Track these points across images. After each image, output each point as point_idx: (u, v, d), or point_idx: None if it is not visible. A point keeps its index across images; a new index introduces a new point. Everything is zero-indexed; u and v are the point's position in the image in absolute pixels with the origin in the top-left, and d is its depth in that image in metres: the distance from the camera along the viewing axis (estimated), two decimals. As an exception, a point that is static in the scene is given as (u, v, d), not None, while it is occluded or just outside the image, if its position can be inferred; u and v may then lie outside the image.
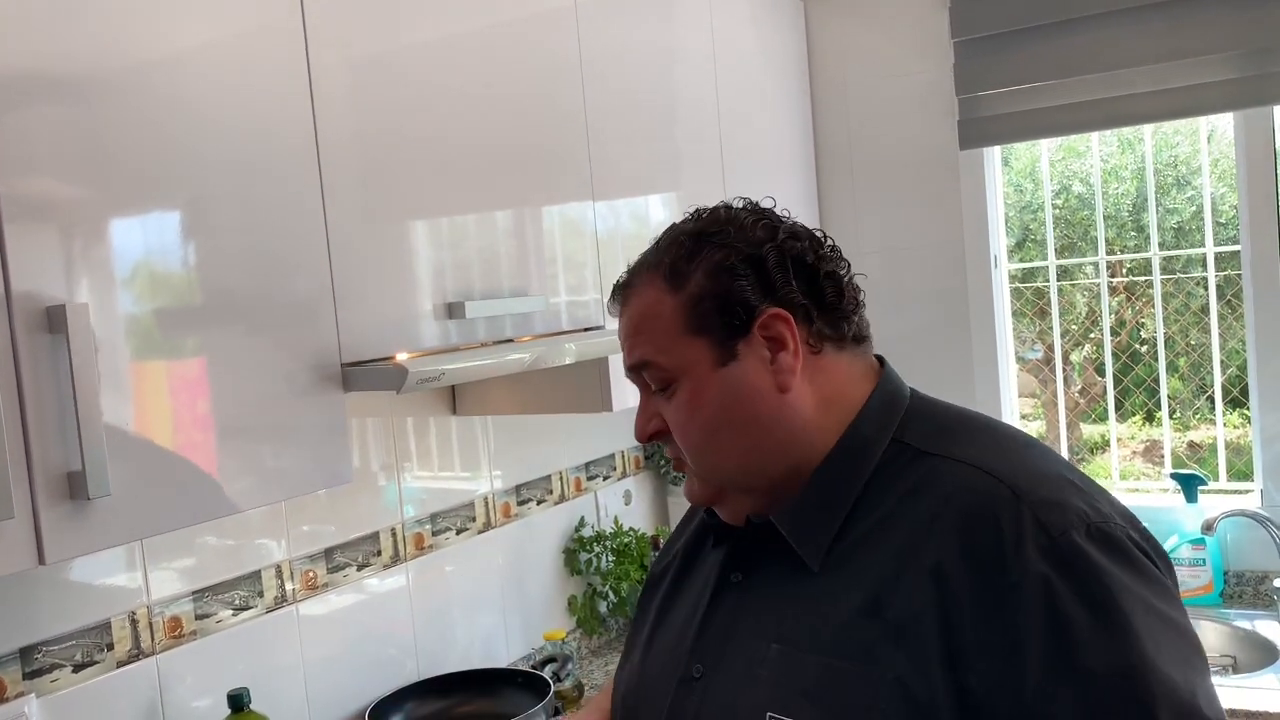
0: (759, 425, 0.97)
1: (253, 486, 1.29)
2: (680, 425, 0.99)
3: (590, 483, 2.54)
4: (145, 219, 1.18)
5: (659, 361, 0.99)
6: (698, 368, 0.98)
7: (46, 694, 1.44)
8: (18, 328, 1.04)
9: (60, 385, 1.06)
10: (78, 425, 1.06)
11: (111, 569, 1.54)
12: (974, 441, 0.96)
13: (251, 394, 1.28)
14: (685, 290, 0.98)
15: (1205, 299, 5.00)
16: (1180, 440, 5.18)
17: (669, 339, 0.98)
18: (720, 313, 0.97)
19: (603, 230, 1.90)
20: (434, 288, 1.56)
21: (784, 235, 0.99)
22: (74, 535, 1.08)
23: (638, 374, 1.02)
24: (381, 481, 1.97)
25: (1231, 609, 2.38)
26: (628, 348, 1.03)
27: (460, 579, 2.13)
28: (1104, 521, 0.87)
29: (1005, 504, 0.87)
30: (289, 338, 1.33)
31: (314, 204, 1.37)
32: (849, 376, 1.01)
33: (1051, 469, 0.93)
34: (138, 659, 1.56)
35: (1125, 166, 5.57)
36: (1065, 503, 0.88)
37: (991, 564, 0.85)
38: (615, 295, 1.07)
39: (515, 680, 1.99)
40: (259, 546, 1.74)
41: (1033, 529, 0.85)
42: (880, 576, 0.90)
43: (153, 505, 1.16)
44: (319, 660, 1.83)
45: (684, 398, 0.98)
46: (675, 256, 1.00)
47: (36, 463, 1.05)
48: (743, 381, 0.97)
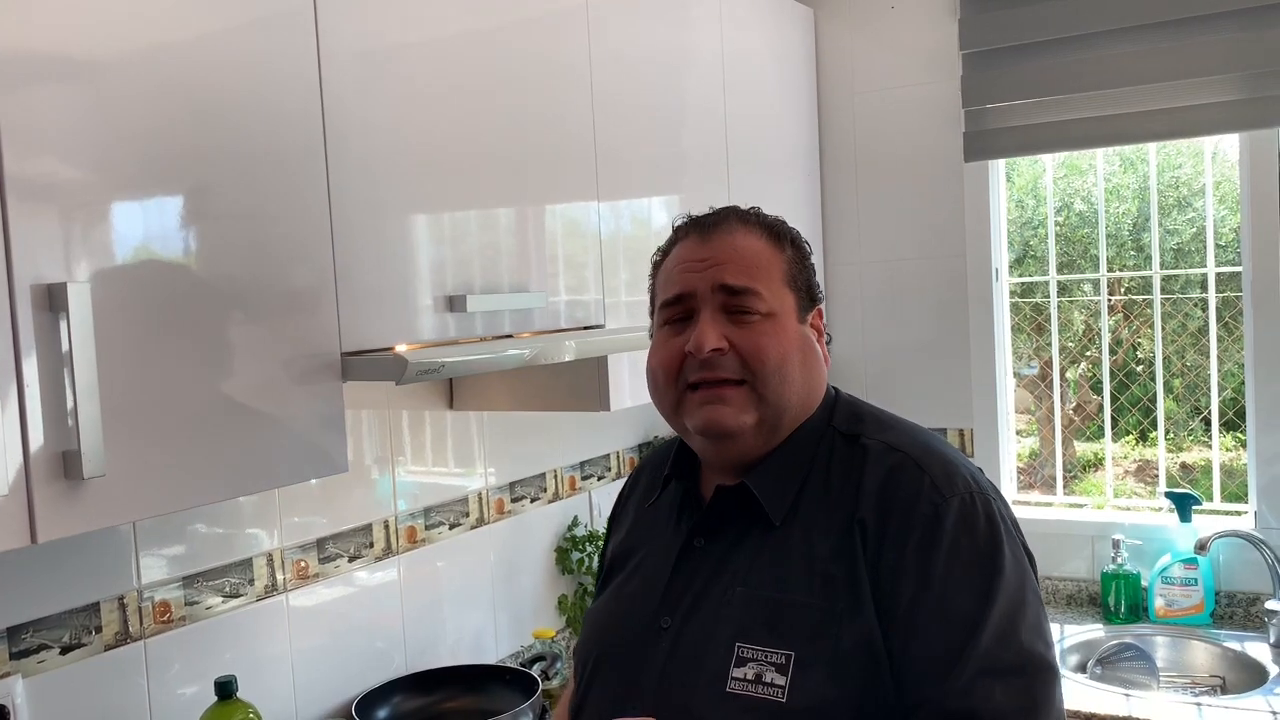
0: (812, 377, 1.17)
1: (248, 472, 1.28)
2: (762, 347, 1.12)
3: (584, 482, 2.53)
4: (149, 202, 1.17)
5: (765, 293, 1.13)
6: (787, 313, 1.15)
7: (33, 675, 1.44)
8: (18, 305, 1.03)
9: (58, 364, 1.06)
10: (74, 405, 1.05)
11: (102, 552, 1.53)
12: (887, 429, 1.16)
13: (249, 380, 1.28)
14: (785, 251, 1.17)
15: (1202, 320, 5.01)
16: (1173, 461, 5.18)
17: (775, 281, 1.14)
18: (804, 284, 1.18)
19: (605, 231, 1.90)
20: (435, 281, 1.55)
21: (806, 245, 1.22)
22: (67, 515, 1.07)
23: (733, 295, 1.12)
24: (375, 474, 1.97)
25: (1222, 630, 2.38)
26: (734, 270, 1.13)
27: (451, 574, 2.13)
28: (981, 493, 1.09)
29: (911, 472, 1.08)
30: (289, 325, 1.32)
31: (319, 193, 1.36)
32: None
33: (945, 451, 1.13)
34: (126, 643, 1.55)
35: (1126, 186, 5.58)
36: (954, 475, 1.09)
37: (899, 515, 1.06)
38: (705, 225, 1.18)
39: (503, 677, 1.99)
40: (251, 534, 1.74)
41: (930, 491, 1.06)
42: (823, 530, 1.09)
43: (146, 487, 1.16)
44: (307, 650, 1.82)
45: (773, 327, 1.13)
46: (768, 221, 1.19)
47: (32, 441, 1.04)
48: (808, 340, 1.17)
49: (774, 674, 1.04)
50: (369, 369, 1.39)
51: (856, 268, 2.83)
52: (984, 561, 1.04)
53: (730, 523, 1.15)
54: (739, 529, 1.14)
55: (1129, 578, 2.47)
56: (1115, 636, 2.37)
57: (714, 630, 1.10)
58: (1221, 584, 2.44)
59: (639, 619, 1.17)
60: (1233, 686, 2.24)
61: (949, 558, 1.03)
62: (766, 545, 1.11)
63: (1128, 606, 2.46)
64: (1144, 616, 2.46)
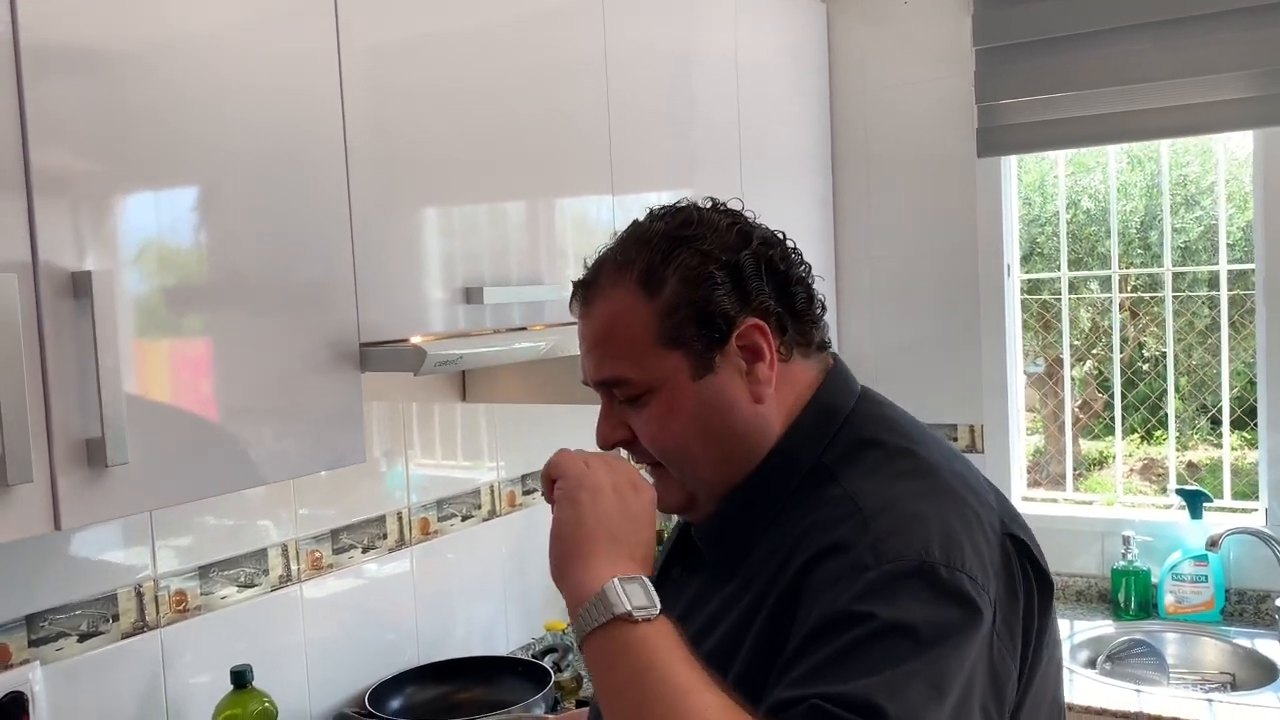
0: (733, 435, 0.97)
1: (267, 461, 1.29)
2: (653, 437, 0.98)
3: (595, 476, 2.53)
4: (171, 193, 1.18)
5: (633, 377, 0.96)
6: (672, 381, 0.95)
7: (51, 662, 1.44)
8: (43, 292, 1.04)
9: (83, 351, 1.06)
10: (99, 392, 1.06)
11: (120, 541, 1.54)
12: (873, 470, 0.94)
13: (269, 370, 1.28)
14: (660, 297, 0.95)
15: (1209, 319, 5.00)
16: (1180, 459, 5.18)
17: (642, 352, 0.96)
18: (697, 324, 0.95)
19: (620, 224, 1.90)
20: (452, 273, 1.56)
21: (757, 241, 0.98)
22: (91, 502, 1.08)
23: (605, 389, 1.00)
24: (388, 465, 1.98)
25: (1232, 626, 2.38)
26: (594, 360, 0.99)
27: (463, 566, 2.13)
28: (936, 562, 0.84)
29: (856, 532, 0.87)
30: (309, 315, 1.33)
31: (339, 185, 1.37)
32: (808, 384, 1.01)
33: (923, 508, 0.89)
34: (142, 631, 1.56)
35: (1134, 184, 5.57)
36: (908, 539, 0.85)
37: (829, 583, 0.85)
38: (577, 295, 1.01)
39: (515, 669, 1.99)
40: (265, 525, 1.74)
41: (868, 554, 0.85)
42: (765, 587, 0.92)
43: (168, 476, 1.16)
44: (320, 640, 1.83)
45: (657, 410, 0.96)
46: (648, 259, 0.96)
47: (56, 428, 1.05)
48: (719, 394, 0.96)
49: None
50: (388, 360, 1.39)
51: (868, 262, 2.83)
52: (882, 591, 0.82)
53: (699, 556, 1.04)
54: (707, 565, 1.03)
55: (1139, 574, 2.47)
56: (1125, 633, 2.37)
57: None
58: (1232, 581, 2.44)
59: None
60: (1243, 683, 2.24)
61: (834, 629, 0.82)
62: (719, 594, 0.97)
63: (1138, 603, 2.46)
64: (1154, 613, 2.46)
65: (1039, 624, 0.92)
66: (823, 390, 1.01)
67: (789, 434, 0.98)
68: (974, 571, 0.85)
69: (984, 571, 0.86)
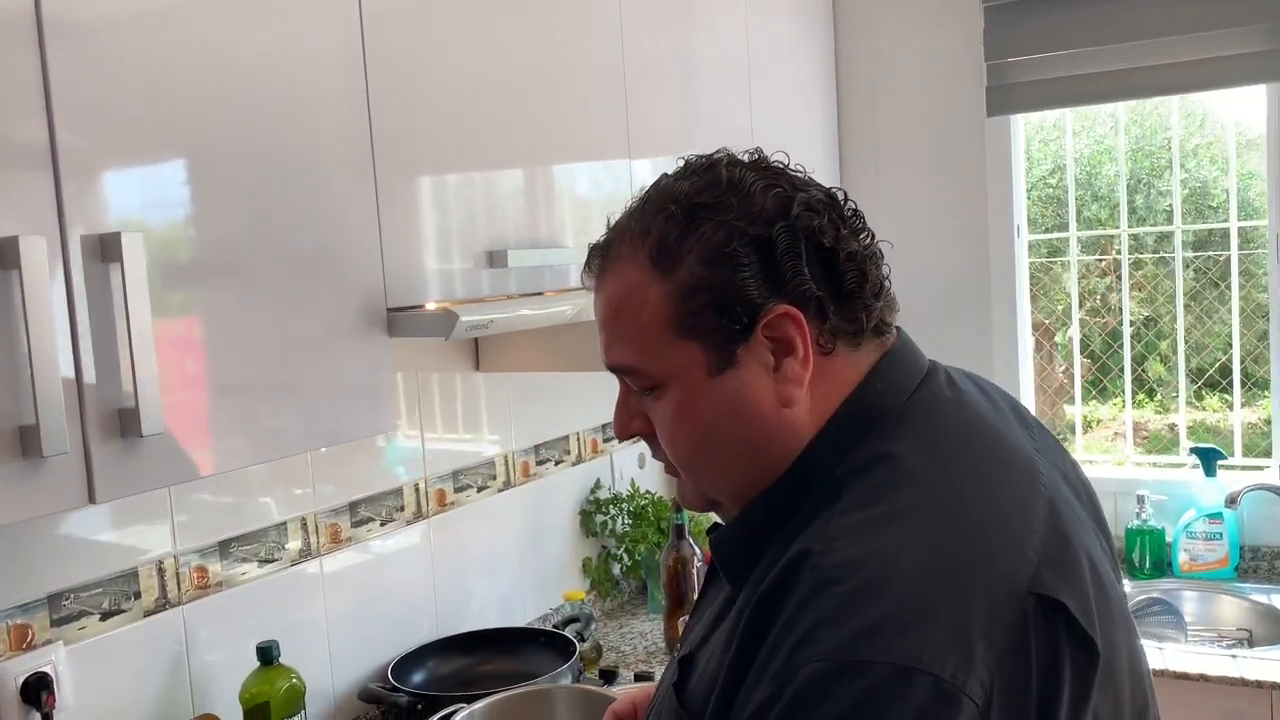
0: (752, 442, 0.83)
1: (298, 431, 1.25)
2: (666, 435, 0.86)
3: (606, 444, 2.51)
4: (198, 156, 1.13)
5: (642, 367, 0.84)
6: (688, 374, 0.82)
7: (74, 641, 1.41)
8: (70, 256, 0.99)
9: (113, 317, 1.02)
10: (131, 360, 1.02)
11: (140, 517, 1.50)
12: (869, 500, 0.76)
13: (297, 339, 1.24)
14: (675, 276, 0.81)
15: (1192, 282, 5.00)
16: (1160, 422, 5.19)
17: (654, 340, 0.82)
18: (717, 311, 0.80)
19: (638, 187, 1.87)
20: (473, 238, 1.52)
21: (799, 209, 0.81)
22: (125, 474, 1.04)
23: (617, 374, 0.88)
24: (405, 436, 1.94)
25: (1247, 583, 2.38)
26: (605, 340, 0.87)
27: (480, 538, 2.10)
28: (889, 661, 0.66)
29: (808, 596, 0.71)
30: (336, 283, 1.29)
31: (363, 152, 1.33)
32: (850, 380, 0.83)
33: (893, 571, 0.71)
34: (165, 609, 1.52)
35: (1118, 147, 5.56)
36: (869, 626, 0.68)
37: (770, 649, 0.72)
38: (590, 262, 0.89)
39: (537, 640, 1.97)
40: (283, 499, 1.70)
41: (805, 628, 0.70)
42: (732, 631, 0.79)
43: (200, 447, 1.13)
44: (341, 614, 1.80)
45: (670, 406, 0.84)
46: (664, 230, 0.83)
47: (88, 398, 1.01)
48: (739, 393, 0.81)
49: None
50: (418, 325, 1.35)
51: (875, 225, 2.78)
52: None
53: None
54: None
55: (1153, 533, 2.47)
56: (1142, 591, 2.37)
57: (661, 684, 0.93)
58: (1246, 538, 2.44)
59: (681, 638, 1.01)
60: (1260, 639, 2.25)
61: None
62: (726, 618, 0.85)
63: (1152, 562, 2.46)
64: (1168, 572, 2.46)
65: (1073, 699, 0.71)
66: (861, 389, 0.83)
67: (813, 447, 0.82)
68: (945, 660, 0.66)
69: (964, 654, 0.67)
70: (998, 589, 0.71)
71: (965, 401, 0.86)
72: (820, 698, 0.66)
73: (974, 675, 0.67)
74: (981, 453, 0.82)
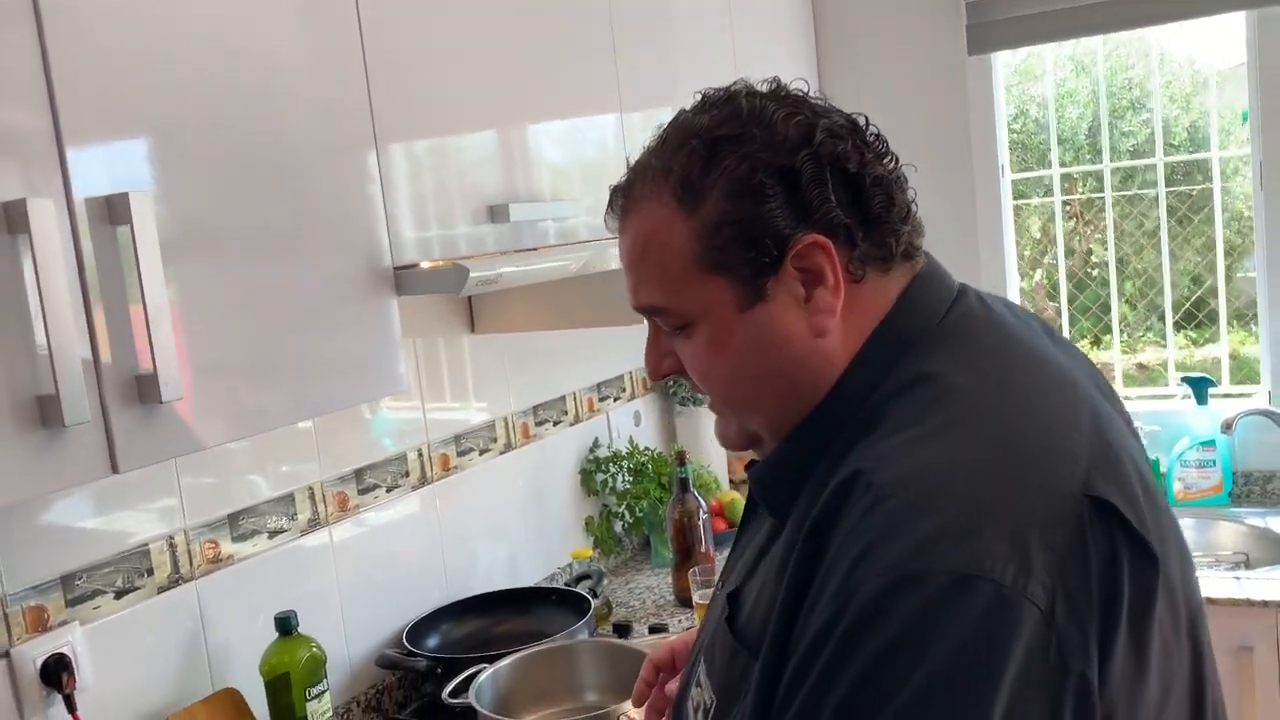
0: (788, 375, 0.82)
1: (312, 395, 1.23)
2: (700, 373, 0.86)
3: (602, 403, 2.49)
4: (200, 111, 1.09)
5: (670, 306, 0.83)
6: (717, 310, 0.81)
7: (90, 621, 1.38)
8: (78, 218, 0.96)
9: (124, 282, 0.99)
10: (147, 324, 0.99)
11: (148, 493, 1.47)
12: (910, 419, 0.76)
13: (307, 303, 1.21)
14: (700, 213, 0.80)
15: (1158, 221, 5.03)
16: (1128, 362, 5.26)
17: (682, 277, 0.81)
18: (745, 245, 0.79)
19: (629, 142, 1.85)
20: (472, 194, 1.49)
21: (822, 136, 0.80)
22: (146, 442, 1.01)
23: (645, 315, 0.88)
24: (406, 401, 1.92)
25: (1241, 508, 2.42)
26: (632, 282, 0.86)
27: (484, 501, 2.09)
28: (949, 569, 0.66)
29: (862, 516, 0.71)
30: (342, 245, 1.26)
31: (362, 112, 1.29)
32: (883, 305, 0.83)
33: (946, 483, 0.70)
34: (178, 584, 1.50)
35: (1081, 90, 5.58)
36: (915, 536, 0.68)
37: (825, 574, 0.71)
38: (613, 204, 0.88)
39: (549, 598, 1.96)
40: (289, 469, 1.68)
41: (861, 547, 0.69)
42: (782, 560, 0.78)
43: (218, 413, 1.10)
44: (353, 583, 1.78)
45: (701, 343, 0.83)
46: (687, 166, 0.81)
47: (104, 365, 0.98)
48: (770, 326, 0.81)
49: (702, 714, 0.84)
50: (427, 281, 1.33)
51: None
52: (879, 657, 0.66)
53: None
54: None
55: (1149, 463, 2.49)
56: (1139, 521, 2.40)
57: (710, 624, 0.90)
58: (1238, 464, 2.48)
59: (720, 576, 1.00)
60: (1257, 561, 2.28)
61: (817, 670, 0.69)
62: (772, 549, 0.84)
63: (1147, 492, 2.49)
64: (1163, 501, 2.49)
65: (1135, 602, 0.70)
66: (894, 314, 0.82)
67: (849, 373, 0.81)
68: (1005, 566, 0.66)
69: (1022, 559, 0.66)
70: (1051, 493, 0.70)
71: (998, 319, 0.86)
72: (881, 615, 0.66)
73: (1035, 579, 0.66)
74: (1019, 366, 0.81)
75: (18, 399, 0.91)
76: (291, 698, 1.52)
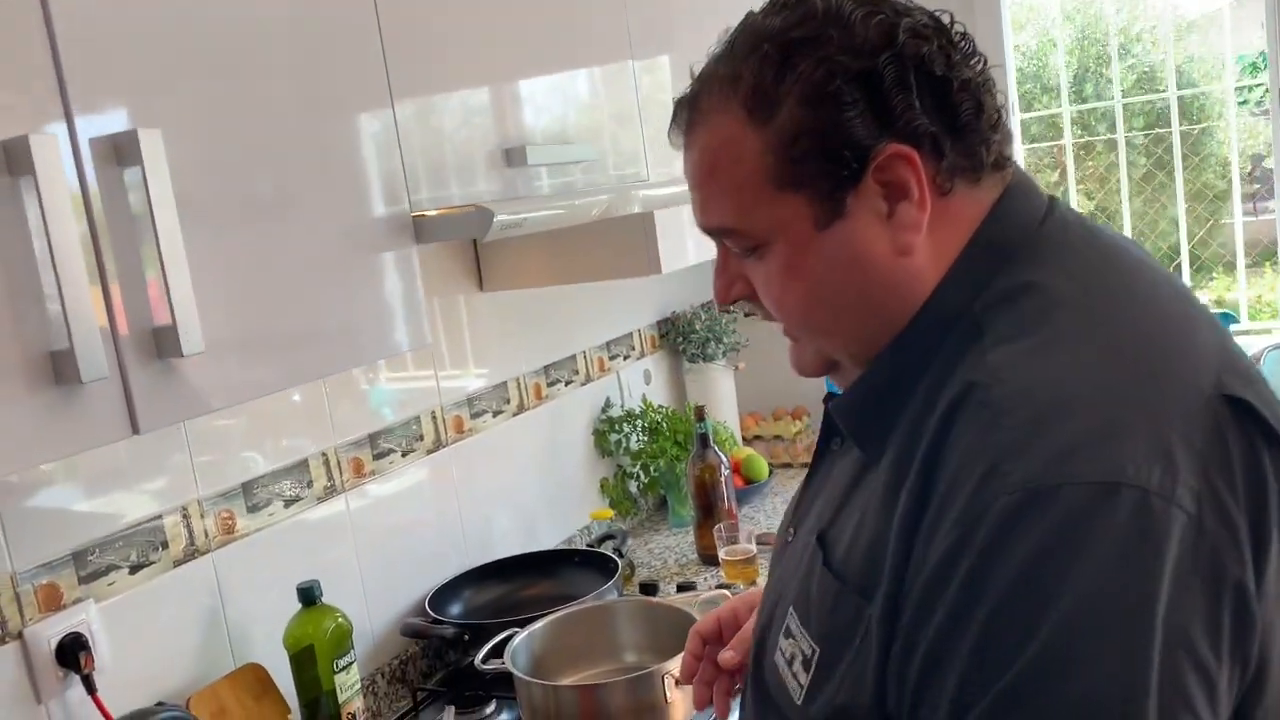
0: (871, 297, 0.76)
1: (332, 349, 1.16)
2: (775, 298, 0.79)
3: (612, 362, 2.43)
4: (210, 48, 1.01)
5: (741, 227, 0.77)
6: (793, 230, 0.75)
7: (105, 599, 1.31)
8: (84, 159, 0.88)
9: (136, 226, 0.91)
10: (163, 272, 0.91)
11: (158, 463, 1.40)
12: (1023, 330, 0.70)
13: (323, 252, 1.14)
14: (773, 123, 0.74)
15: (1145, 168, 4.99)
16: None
17: (754, 195, 0.75)
18: (823, 157, 0.73)
19: (643, 87, 1.77)
20: (488, 139, 1.42)
21: (905, 37, 0.73)
22: (166, 399, 0.94)
23: (714, 237, 0.82)
24: (415, 363, 1.85)
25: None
26: (699, 201, 0.80)
27: (499, 464, 2.03)
28: (1090, 479, 0.61)
29: (984, 432, 0.65)
30: (358, 192, 1.18)
31: (375, 61, 1.21)
32: (973, 218, 0.76)
33: (1076, 391, 0.65)
34: (194, 557, 1.43)
35: (1067, 38, 5.51)
36: (1050, 447, 0.63)
37: (945, 496, 0.66)
38: (678, 118, 0.81)
39: (572, 560, 1.91)
40: (303, 434, 1.61)
41: (989, 464, 0.63)
42: (888, 488, 0.72)
43: (240, 369, 1.03)
44: (372, 551, 1.71)
45: (776, 266, 0.77)
46: (758, 72, 0.74)
47: (119, 317, 0.90)
48: (851, 245, 0.75)
49: (799, 665, 0.77)
50: (448, 226, 1.26)
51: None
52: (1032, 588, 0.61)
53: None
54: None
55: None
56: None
57: (793, 573, 0.83)
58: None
59: (782, 522, 0.94)
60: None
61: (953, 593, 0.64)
62: (866, 486, 0.77)
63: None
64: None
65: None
66: (989, 224, 0.76)
67: (943, 287, 0.75)
68: (1149, 471, 0.61)
69: (1166, 462, 0.62)
70: (1184, 395, 0.66)
71: (1095, 227, 0.81)
72: (1017, 532, 0.61)
73: (1181, 483, 0.62)
74: (1129, 272, 0.76)
75: (29, 355, 0.84)
76: (317, 670, 1.46)
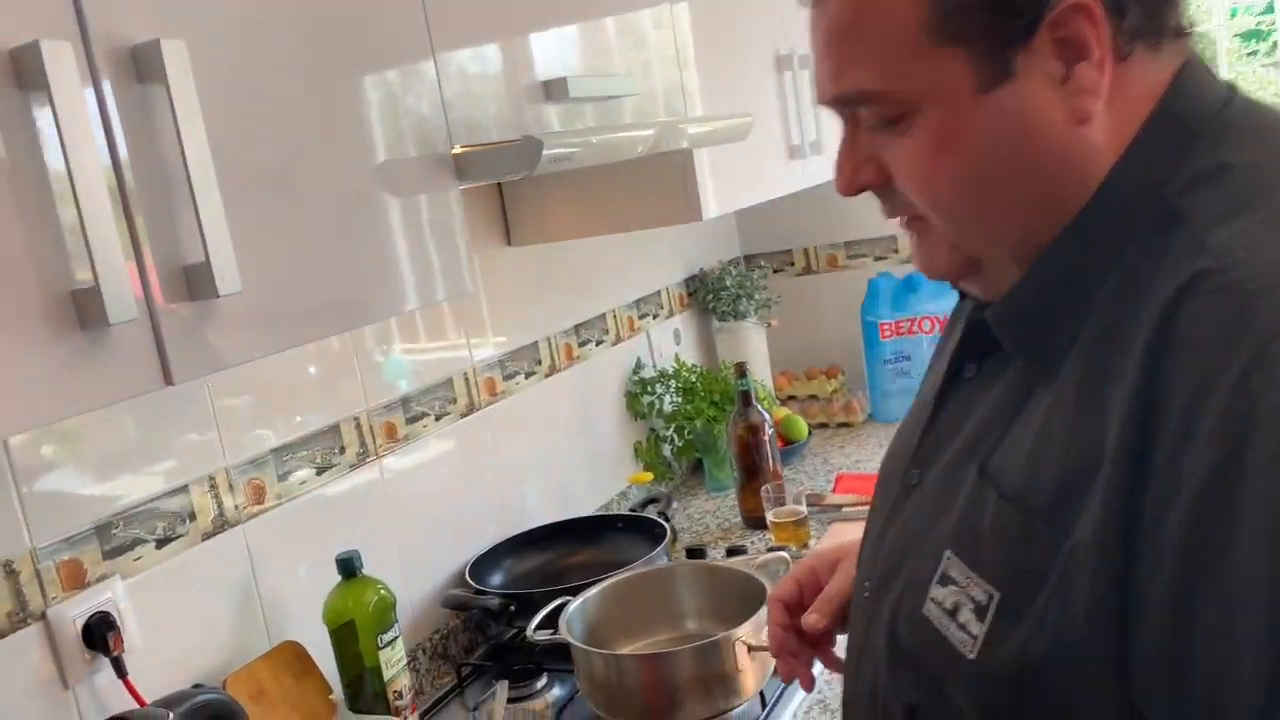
0: (1041, 174, 0.66)
1: (372, 296, 1.05)
2: (921, 177, 0.68)
3: (642, 321, 2.33)
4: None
5: (887, 89, 0.66)
6: (950, 93, 0.65)
7: (131, 575, 1.22)
8: (101, 76, 0.78)
9: (162, 152, 0.81)
10: (194, 203, 0.81)
11: (182, 428, 1.30)
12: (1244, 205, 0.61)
13: (358, 193, 1.03)
14: None
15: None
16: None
17: (905, 51, 0.65)
18: (989, 8, 0.63)
19: (681, 26, 1.66)
20: (528, 70, 1.31)
21: None
22: (201, 346, 0.84)
23: (846, 108, 0.70)
24: (453, 316, 1.75)
25: None
26: (830, 66, 0.69)
27: (533, 428, 1.93)
28: None
29: (1234, 318, 0.56)
30: (395, 129, 1.08)
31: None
32: (1153, 90, 0.66)
33: None
34: (224, 530, 1.34)
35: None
36: None
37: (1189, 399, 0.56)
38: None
39: (614, 526, 1.82)
40: (332, 398, 1.51)
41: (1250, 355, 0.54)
42: (1104, 389, 0.61)
43: (280, 315, 0.93)
44: (408, 519, 1.62)
45: (928, 138, 0.66)
46: None
47: (146, 253, 0.80)
48: (1019, 112, 0.64)
49: (969, 614, 0.67)
50: (495, 161, 1.15)
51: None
52: None
53: (1000, 347, 0.72)
54: (1018, 361, 0.71)
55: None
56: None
57: (937, 515, 0.73)
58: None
59: (896, 466, 0.82)
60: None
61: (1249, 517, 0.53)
62: (1039, 406, 0.67)
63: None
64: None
65: None
66: (1171, 97, 0.66)
67: (1123, 167, 0.65)
68: None
69: None
70: None
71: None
72: None
73: None
74: None
75: (49, 293, 0.74)
76: (359, 646, 1.37)
